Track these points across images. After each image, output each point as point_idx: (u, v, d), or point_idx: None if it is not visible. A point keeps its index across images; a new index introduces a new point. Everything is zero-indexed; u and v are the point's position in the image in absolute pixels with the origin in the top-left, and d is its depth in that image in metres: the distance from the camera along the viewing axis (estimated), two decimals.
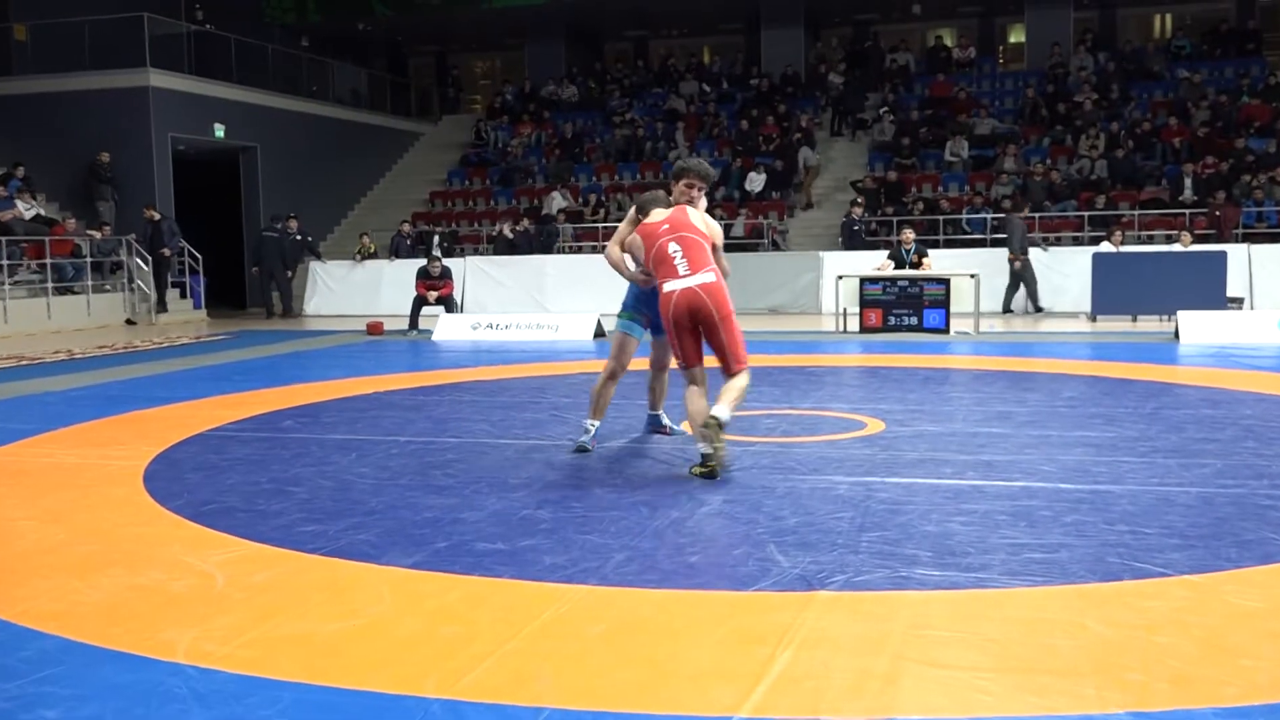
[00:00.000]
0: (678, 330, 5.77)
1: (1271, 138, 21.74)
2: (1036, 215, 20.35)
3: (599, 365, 11.77)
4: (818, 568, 4.08)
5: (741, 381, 5.72)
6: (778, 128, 25.03)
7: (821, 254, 19.51)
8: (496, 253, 21.44)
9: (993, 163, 22.79)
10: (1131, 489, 5.26)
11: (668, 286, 5.76)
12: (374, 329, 15.98)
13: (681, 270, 5.76)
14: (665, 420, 6.91)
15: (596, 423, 6.50)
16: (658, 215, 6.02)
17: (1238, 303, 15.44)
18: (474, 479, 5.74)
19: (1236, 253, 16.91)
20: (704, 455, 5.59)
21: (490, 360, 12.24)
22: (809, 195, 23.92)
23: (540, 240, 22.47)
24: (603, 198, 24.46)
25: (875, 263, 15.85)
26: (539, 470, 5.94)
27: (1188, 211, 20.13)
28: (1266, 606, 3.63)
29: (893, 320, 14.34)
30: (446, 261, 18.16)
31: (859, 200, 21.50)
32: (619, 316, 6.68)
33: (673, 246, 5.81)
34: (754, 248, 21.69)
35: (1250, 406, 7.91)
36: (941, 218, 20.84)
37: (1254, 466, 5.77)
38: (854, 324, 14.82)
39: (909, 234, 15.11)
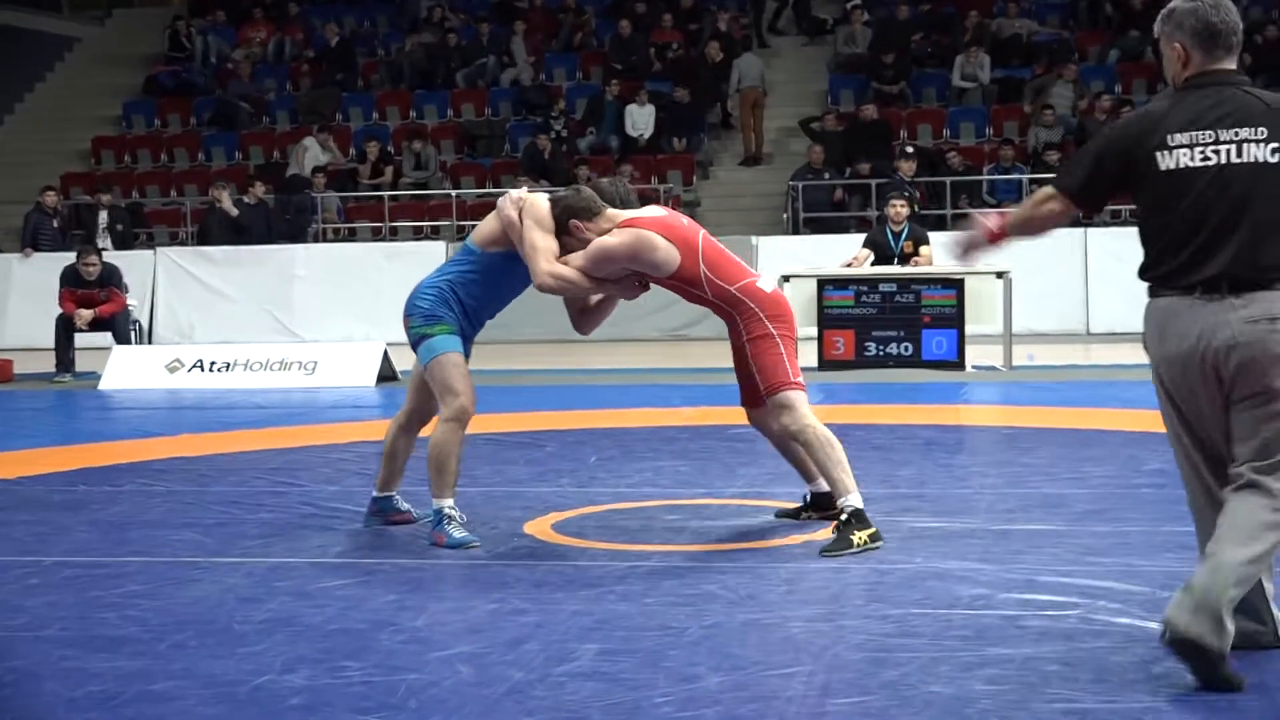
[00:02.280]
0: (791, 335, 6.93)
1: None
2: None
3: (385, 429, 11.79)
4: None
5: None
6: (680, 33, 25.38)
7: (755, 239, 19.75)
8: (210, 241, 21.24)
9: (1031, 89, 23.42)
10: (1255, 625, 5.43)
11: (763, 283, 6.89)
12: None
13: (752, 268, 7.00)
14: (401, 502, 7.54)
15: (448, 502, 7.02)
16: (643, 213, 7.03)
17: None
18: (175, 625, 5.66)
19: None
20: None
21: (200, 424, 12.10)
22: (759, 139, 23.98)
23: (285, 220, 22.30)
24: (389, 149, 24.40)
25: (844, 254, 16.16)
26: (289, 607, 5.90)
27: None
28: None
29: (872, 349, 14.59)
30: (114, 257, 17.92)
31: (815, 151, 21.87)
32: (433, 331, 6.89)
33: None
34: None
35: None
36: (949, 179, 21.37)
37: None
38: (810, 355, 15.03)
39: (898, 207, 15.44)
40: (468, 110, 25.45)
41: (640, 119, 23.53)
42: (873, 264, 15.13)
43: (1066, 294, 18.18)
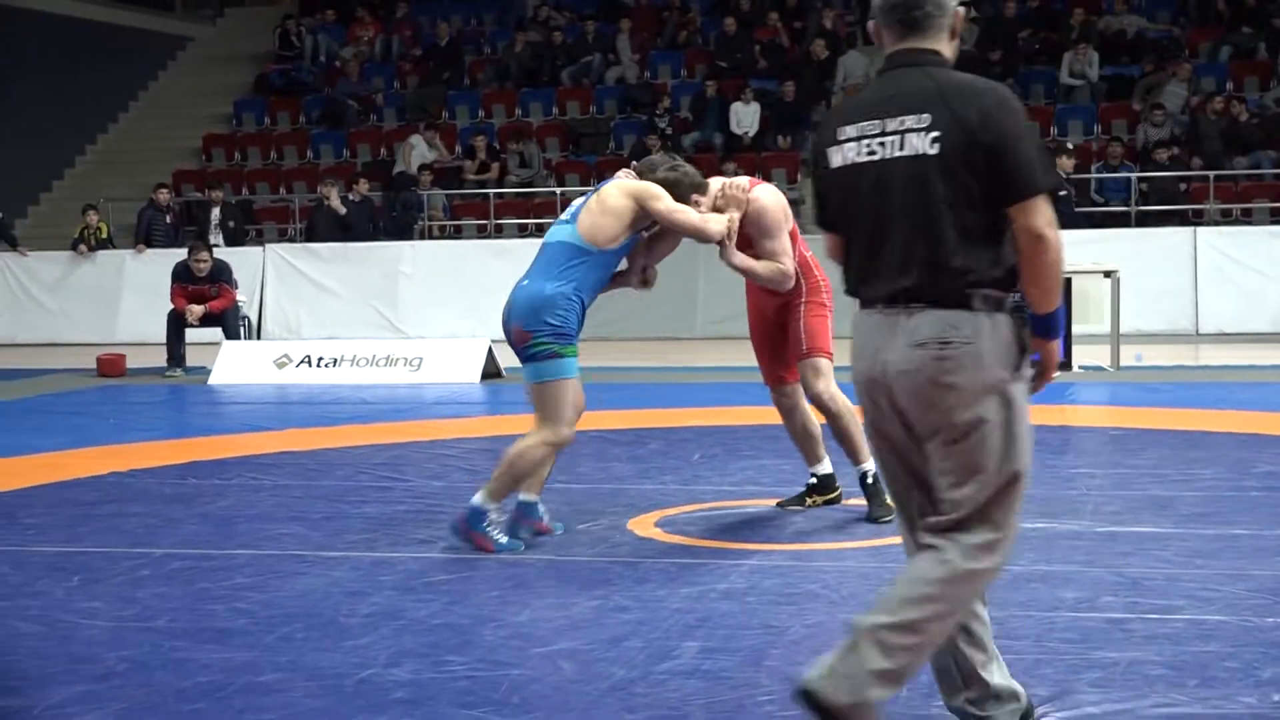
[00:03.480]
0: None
1: None
2: (1210, 174, 20.74)
3: (499, 426, 11.85)
4: None
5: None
6: (786, 29, 25.32)
7: None
8: (318, 238, 21.44)
9: (1141, 86, 23.15)
10: None
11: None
12: (109, 366, 15.90)
13: None
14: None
15: (495, 505, 6.85)
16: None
17: None
18: (282, 618, 5.73)
19: None
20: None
21: (307, 419, 12.22)
22: None
23: (392, 217, 22.45)
24: (496, 144, 24.51)
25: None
26: (394, 600, 5.96)
27: None
28: None
29: None
30: (225, 253, 18.12)
31: None
32: (565, 352, 6.81)
33: None
34: None
35: None
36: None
37: None
38: None
39: None
40: (573, 108, 25.50)
41: (745, 116, 23.49)
42: None
43: (1175, 294, 17.95)
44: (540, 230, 22.37)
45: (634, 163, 7.33)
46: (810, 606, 5.76)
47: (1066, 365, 14.16)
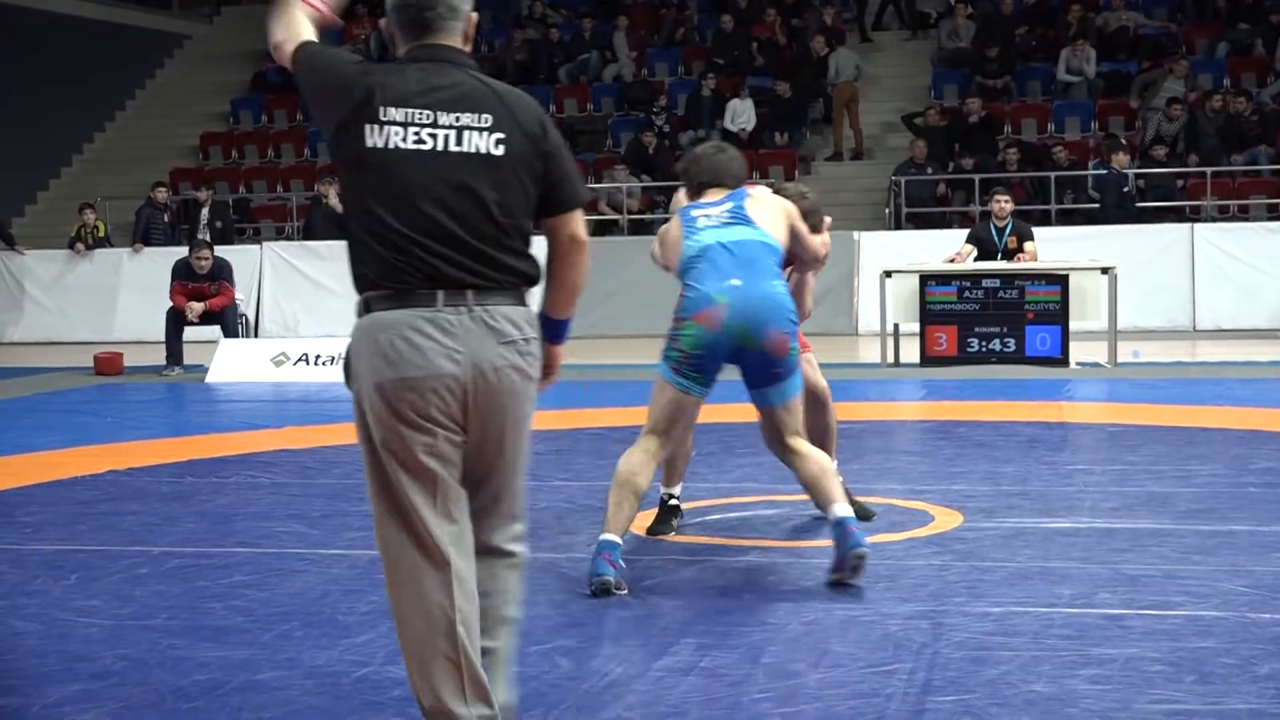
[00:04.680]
0: None
1: None
2: (1206, 171, 20.75)
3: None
4: None
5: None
6: (783, 28, 25.33)
7: (856, 235, 19.67)
8: (315, 236, 21.44)
9: (1138, 83, 23.16)
10: None
11: None
12: (107, 365, 15.90)
13: None
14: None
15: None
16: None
17: None
18: (280, 616, 5.74)
19: None
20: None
21: (305, 417, 12.23)
22: (856, 133, 23.93)
23: None
24: None
25: (946, 250, 16.09)
26: None
27: None
28: None
29: (975, 345, 14.51)
30: (225, 251, 18.12)
31: (917, 146, 21.77)
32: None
33: None
34: None
35: None
36: (1054, 174, 21.20)
37: None
38: (911, 351, 14.98)
39: (1003, 202, 15.33)
40: (570, 105, 25.52)
41: (741, 114, 23.50)
42: (976, 259, 15.04)
43: (1173, 290, 17.96)
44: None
45: (764, 182, 7.18)
46: (808, 604, 5.76)
47: (1063, 362, 14.19)
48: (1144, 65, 23.42)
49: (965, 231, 16.56)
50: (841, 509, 6.03)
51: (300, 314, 20.16)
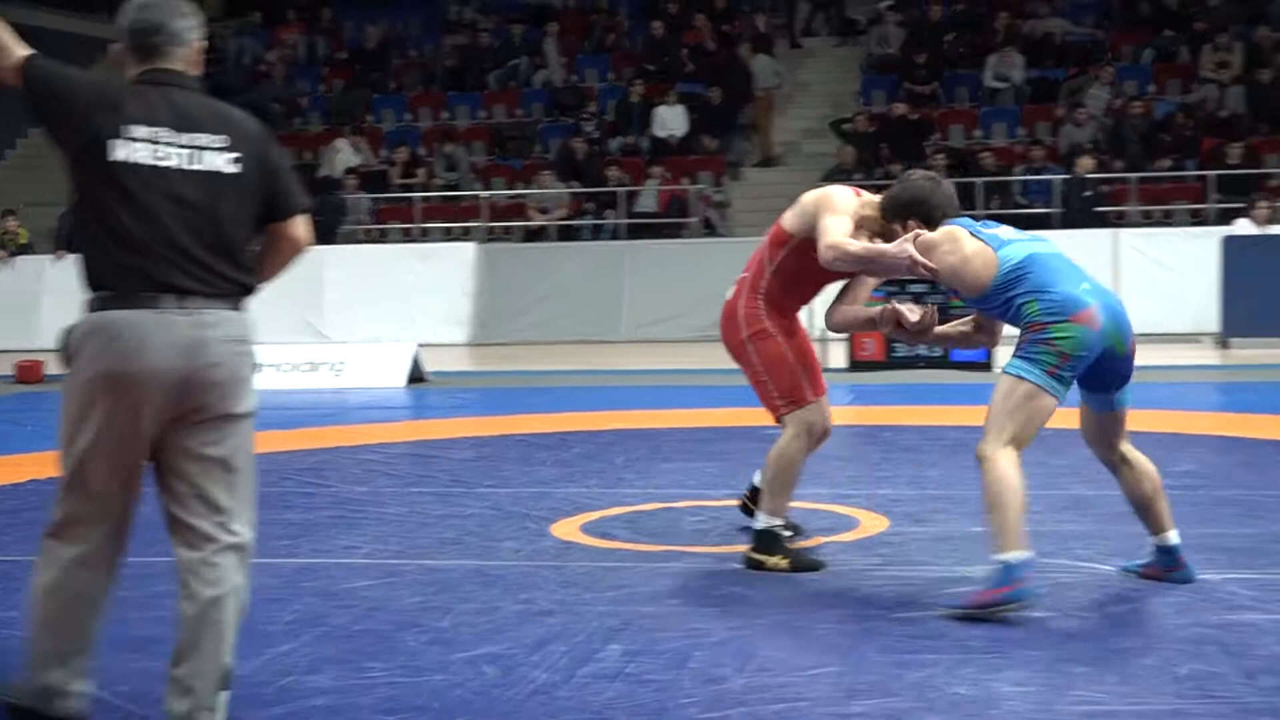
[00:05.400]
0: None
1: None
2: (1131, 176, 20.93)
3: (423, 431, 11.81)
4: None
5: (778, 442, 6.50)
6: (713, 33, 25.38)
7: None
8: None
9: (1065, 89, 23.36)
10: None
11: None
12: (28, 373, 15.76)
13: None
14: None
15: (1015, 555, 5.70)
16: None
17: None
18: None
19: None
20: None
21: None
22: (767, 142, 24.22)
23: (316, 221, 22.35)
24: (420, 151, 24.46)
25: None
26: (315, 607, 5.94)
27: None
28: None
29: (901, 350, 14.60)
30: None
31: (845, 152, 21.87)
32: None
33: None
34: (674, 231, 21.92)
35: None
36: (981, 180, 21.34)
37: None
38: (839, 356, 15.04)
39: None
40: (499, 112, 25.49)
41: (671, 120, 23.53)
42: None
43: None
44: (466, 233, 22.37)
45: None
46: (734, 609, 5.77)
47: (987, 366, 14.26)
48: (1071, 72, 23.61)
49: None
50: (1174, 536, 6.07)
51: None
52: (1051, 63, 24.15)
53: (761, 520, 6.47)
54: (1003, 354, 14.15)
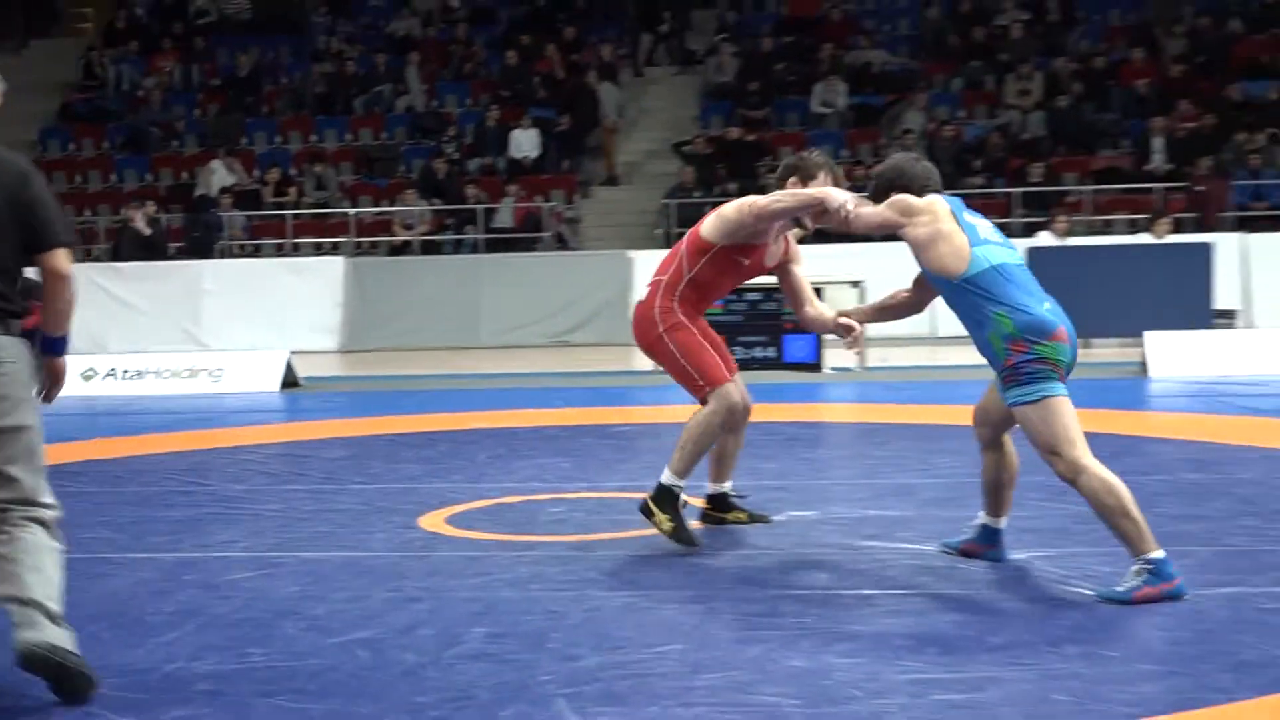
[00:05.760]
0: None
1: (1274, 78, 23.26)
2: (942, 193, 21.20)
3: (297, 432, 11.68)
4: None
5: (696, 417, 6.50)
6: (563, 61, 25.39)
7: (632, 253, 19.84)
8: (122, 257, 20.96)
9: (884, 114, 23.70)
10: (1086, 593, 5.56)
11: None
12: None
13: None
14: None
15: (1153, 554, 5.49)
16: None
17: (1229, 317, 16.48)
18: (89, 618, 5.58)
19: (1227, 245, 18.06)
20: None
21: (113, 429, 11.93)
22: (613, 162, 24.32)
23: (193, 237, 22.07)
24: (291, 171, 24.23)
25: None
26: (197, 599, 5.86)
27: (1158, 186, 21.39)
28: None
29: (739, 353, 14.65)
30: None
31: (686, 172, 22.01)
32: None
33: None
34: (529, 245, 21.90)
35: (1248, 468, 8.44)
36: None
37: (1255, 555, 6.17)
38: None
39: None
40: (365, 135, 25.32)
41: (525, 142, 23.53)
42: None
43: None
44: (335, 248, 22.20)
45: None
46: (589, 593, 5.77)
47: (817, 367, 14.42)
48: (889, 98, 23.95)
49: None
50: (1005, 523, 6.18)
51: (110, 332, 19.65)
52: (871, 90, 24.46)
53: (667, 477, 6.46)
54: (830, 355, 14.34)
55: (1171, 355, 13.74)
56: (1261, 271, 18.54)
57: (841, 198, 6.04)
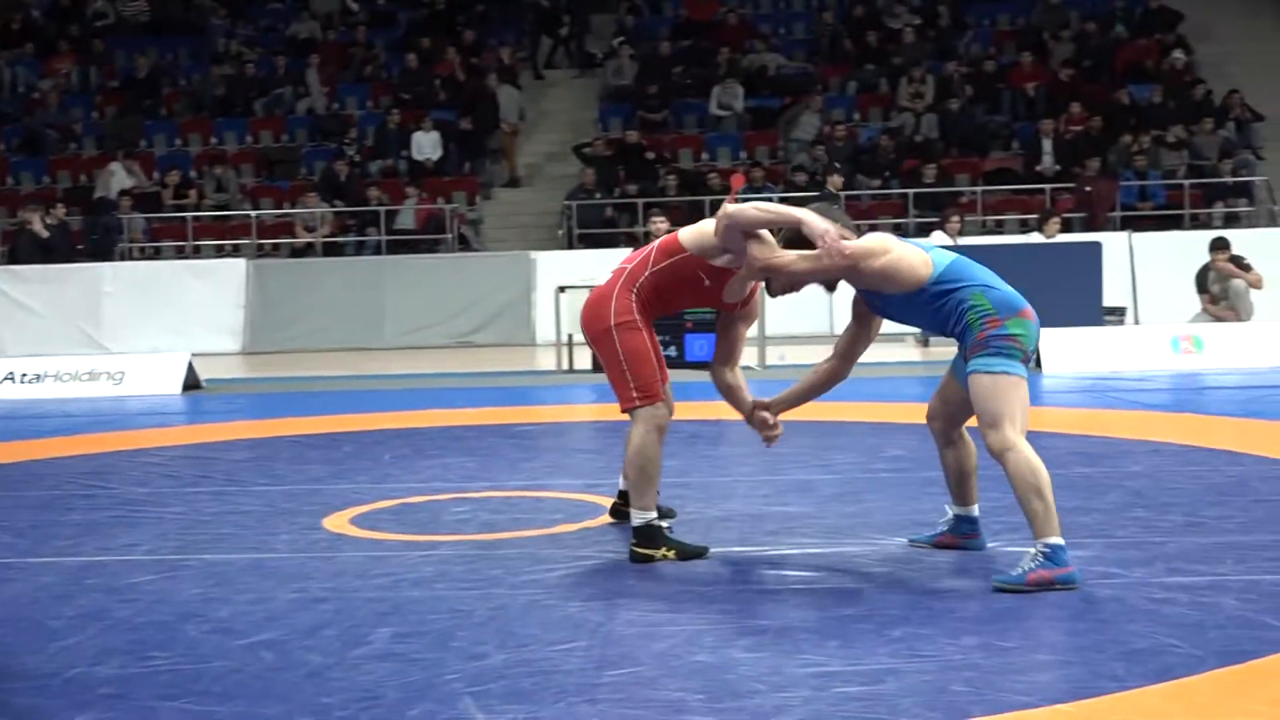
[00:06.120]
0: None
1: (1158, 82, 23.71)
2: (841, 195, 21.38)
3: (200, 434, 11.54)
4: None
5: (632, 438, 6.35)
6: (463, 64, 25.29)
7: (534, 254, 19.85)
8: (19, 260, 20.61)
9: (780, 117, 23.85)
10: (982, 584, 5.60)
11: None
12: None
13: None
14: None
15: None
16: None
17: (1118, 314, 16.75)
18: None
19: (1114, 244, 18.37)
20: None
21: (12, 433, 11.75)
22: (512, 166, 24.28)
23: (92, 239, 21.77)
24: (192, 173, 23.96)
25: (614, 266, 16.21)
26: (99, 602, 5.76)
27: (1048, 187, 21.69)
28: None
29: None
30: None
31: (587, 174, 22.01)
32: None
33: None
34: (431, 246, 21.81)
35: (1138, 461, 8.58)
36: (709, 199, 21.63)
37: (1146, 546, 6.25)
38: (584, 359, 15.09)
39: (661, 223, 15.57)
40: (266, 137, 25.09)
41: (426, 145, 23.44)
42: None
43: (813, 300, 18.43)
44: (236, 250, 22.00)
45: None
46: (494, 591, 5.74)
47: None
48: (786, 101, 24.09)
49: (629, 251, 16.76)
50: (978, 509, 6.22)
51: (6, 335, 19.34)
52: (768, 93, 24.59)
53: (637, 517, 6.29)
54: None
55: (1063, 352, 13.93)
56: (1147, 270, 18.91)
57: (823, 226, 5.99)
